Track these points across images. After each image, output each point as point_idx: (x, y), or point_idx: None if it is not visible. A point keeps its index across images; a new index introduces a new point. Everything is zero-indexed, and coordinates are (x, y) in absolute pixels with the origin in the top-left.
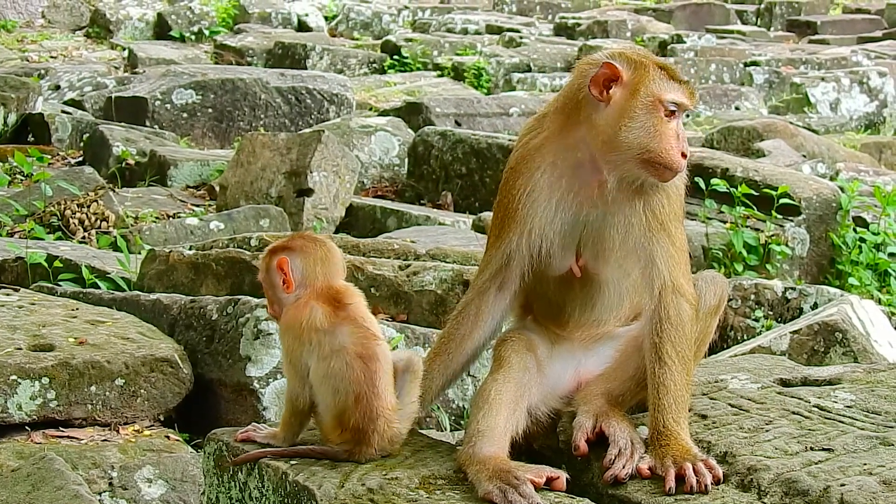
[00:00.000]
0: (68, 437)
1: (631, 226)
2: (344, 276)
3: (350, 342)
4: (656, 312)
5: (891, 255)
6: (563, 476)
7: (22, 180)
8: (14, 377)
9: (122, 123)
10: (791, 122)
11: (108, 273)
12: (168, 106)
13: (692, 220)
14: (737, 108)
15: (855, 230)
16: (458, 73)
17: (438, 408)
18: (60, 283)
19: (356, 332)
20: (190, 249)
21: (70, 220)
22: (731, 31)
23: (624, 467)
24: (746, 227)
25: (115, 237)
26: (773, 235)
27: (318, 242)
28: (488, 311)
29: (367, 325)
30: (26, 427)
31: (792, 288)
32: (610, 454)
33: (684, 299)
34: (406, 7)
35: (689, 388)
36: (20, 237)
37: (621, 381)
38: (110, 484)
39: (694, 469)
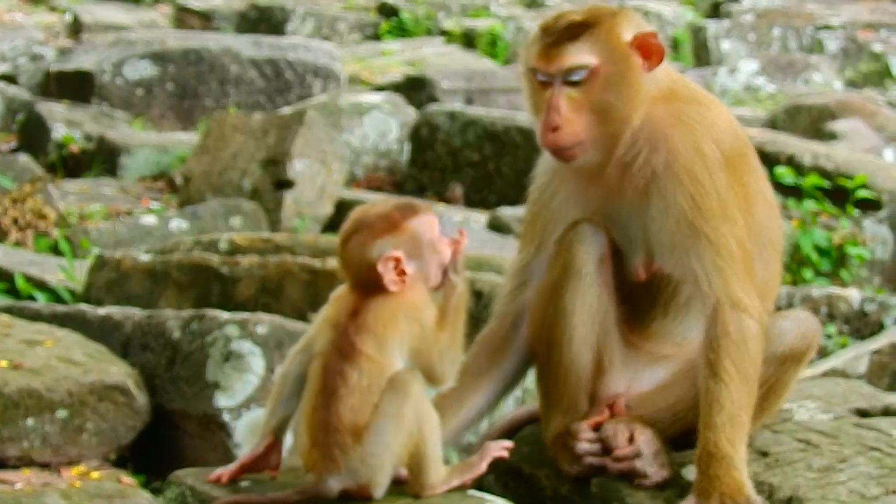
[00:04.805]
0: (0, 480)
1: (656, 227)
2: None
3: (321, 349)
4: (712, 330)
5: None
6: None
7: None
8: None
9: (64, 101)
10: (870, 99)
11: (48, 282)
12: (119, 80)
13: None
14: (805, 82)
15: None
16: (468, 40)
17: None
18: None
19: (333, 342)
20: (146, 254)
21: (1, 218)
22: None
23: (647, 474)
24: (816, 225)
25: (55, 239)
26: (848, 235)
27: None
28: (513, 339)
29: (354, 338)
30: None
31: (871, 299)
32: (628, 450)
33: (746, 314)
34: None
35: (750, 412)
36: None
37: (656, 408)
38: None
39: None
